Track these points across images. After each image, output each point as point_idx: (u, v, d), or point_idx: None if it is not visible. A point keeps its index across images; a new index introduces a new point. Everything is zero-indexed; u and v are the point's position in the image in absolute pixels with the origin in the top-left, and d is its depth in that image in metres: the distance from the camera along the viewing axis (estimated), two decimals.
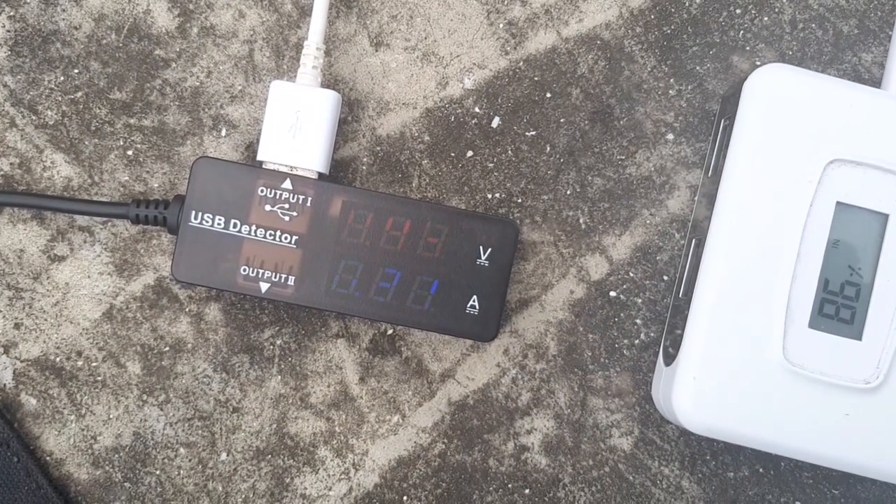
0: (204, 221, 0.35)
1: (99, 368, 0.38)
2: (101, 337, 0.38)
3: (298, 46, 0.39)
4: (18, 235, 0.38)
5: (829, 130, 0.34)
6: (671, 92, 0.39)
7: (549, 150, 0.39)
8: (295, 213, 0.35)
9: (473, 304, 0.36)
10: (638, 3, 0.40)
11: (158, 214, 0.36)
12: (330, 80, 0.39)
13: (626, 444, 0.39)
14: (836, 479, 0.39)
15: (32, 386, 0.38)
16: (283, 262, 0.35)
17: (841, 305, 0.34)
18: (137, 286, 0.38)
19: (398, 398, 0.38)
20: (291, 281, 0.35)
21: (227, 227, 0.35)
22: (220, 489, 0.38)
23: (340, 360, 0.38)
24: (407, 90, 0.39)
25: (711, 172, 0.37)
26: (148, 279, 0.38)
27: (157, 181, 0.39)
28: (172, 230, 0.36)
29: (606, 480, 0.38)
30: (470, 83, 0.39)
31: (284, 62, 0.39)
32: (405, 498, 0.38)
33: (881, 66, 0.40)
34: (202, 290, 0.38)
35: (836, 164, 0.34)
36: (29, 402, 0.38)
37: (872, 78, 0.39)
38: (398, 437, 0.38)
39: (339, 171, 0.39)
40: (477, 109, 0.39)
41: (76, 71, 0.39)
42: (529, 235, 0.39)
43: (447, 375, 0.39)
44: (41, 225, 0.38)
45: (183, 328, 0.38)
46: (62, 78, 0.39)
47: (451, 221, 0.36)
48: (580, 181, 0.39)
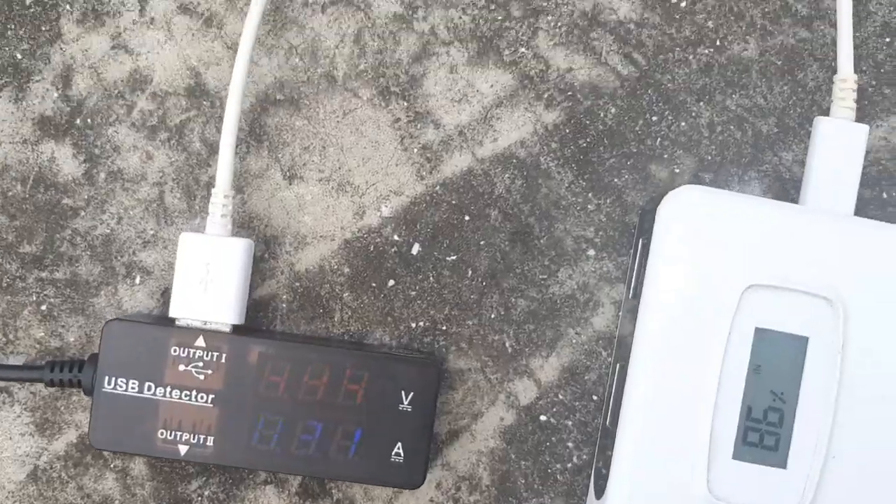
0: (118, 386, 0.35)
1: None
2: (27, 499, 0.38)
3: (210, 184, 0.38)
4: None
5: (745, 254, 0.34)
6: (590, 206, 0.39)
7: (470, 273, 0.39)
8: (210, 370, 0.35)
9: (398, 451, 0.35)
10: (552, 117, 0.39)
11: (73, 378, 0.36)
12: (244, 217, 0.38)
13: None
14: None
15: None
16: (200, 422, 0.35)
17: (765, 432, 0.34)
18: (60, 445, 0.38)
19: None
20: (210, 441, 0.35)
21: (141, 390, 0.35)
22: None
23: None
24: (324, 222, 0.39)
25: (633, 294, 0.37)
26: (70, 437, 0.38)
27: (73, 335, 0.38)
28: (88, 392, 0.35)
29: None
30: (387, 211, 0.39)
31: (196, 202, 0.38)
32: None
33: (802, 163, 0.39)
34: None
35: (753, 289, 0.34)
36: None
37: (794, 177, 0.39)
38: None
39: (257, 311, 0.38)
40: (396, 237, 0.39)
41: None
42: (456, 363, 0.38)
43: None
44: None
45: (109, 485, 0.38)
46: None
47: (371, 367, 0.35)
48: (504, 304, 0.39)
